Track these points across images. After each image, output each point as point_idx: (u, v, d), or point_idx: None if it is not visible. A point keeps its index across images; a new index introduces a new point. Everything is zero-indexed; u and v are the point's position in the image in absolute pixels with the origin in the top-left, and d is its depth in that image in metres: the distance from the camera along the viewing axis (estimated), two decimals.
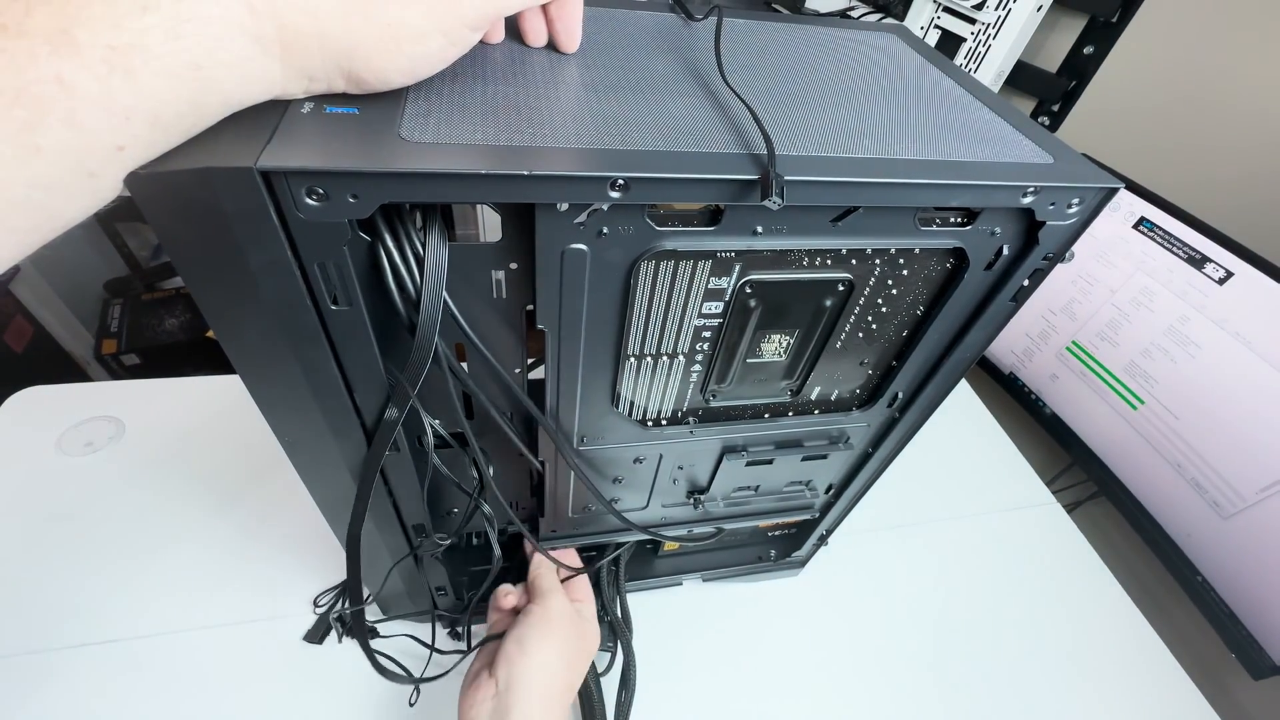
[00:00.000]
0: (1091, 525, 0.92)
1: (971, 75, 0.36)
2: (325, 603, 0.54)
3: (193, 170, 0.19)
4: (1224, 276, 0.71)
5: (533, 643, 0.40)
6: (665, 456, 0.41)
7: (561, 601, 0.43)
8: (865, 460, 0.45)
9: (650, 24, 0.35)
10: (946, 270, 0.32)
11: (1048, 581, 0.67)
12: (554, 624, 0.42)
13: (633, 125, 0.25)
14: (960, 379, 0.39)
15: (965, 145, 0.29)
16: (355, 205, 0.21)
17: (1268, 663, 0.67)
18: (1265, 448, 0.67)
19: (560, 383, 0.32)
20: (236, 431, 0.65)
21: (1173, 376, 0.76)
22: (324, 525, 0.37)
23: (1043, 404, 0.93)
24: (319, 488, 0.34)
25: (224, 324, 0.24)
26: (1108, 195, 0.28)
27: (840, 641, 0.59)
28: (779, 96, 0.30)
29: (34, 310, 1.31)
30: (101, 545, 0.56)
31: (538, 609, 0.42)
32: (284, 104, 0.22)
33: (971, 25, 0.99)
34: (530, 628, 0.41)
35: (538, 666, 0.39)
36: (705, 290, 0.30)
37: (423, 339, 0.25)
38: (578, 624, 0.43)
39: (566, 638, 0.42)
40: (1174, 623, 0.88)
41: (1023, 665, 0.60)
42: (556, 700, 0.40)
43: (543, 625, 0.41)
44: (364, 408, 0.30)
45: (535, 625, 0.41)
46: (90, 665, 0.49)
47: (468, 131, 0.23)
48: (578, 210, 0.24)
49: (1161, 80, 0.89)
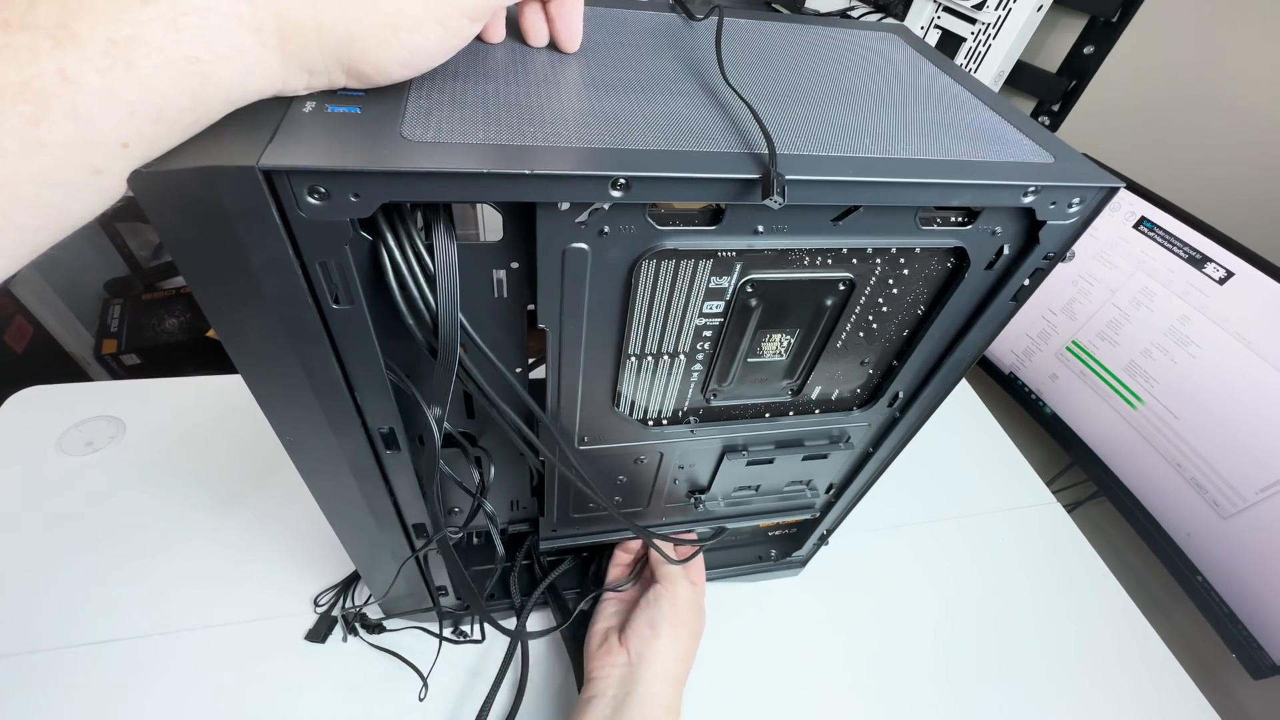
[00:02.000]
0: (1091, 525, 0.92)
1: (972, 75, 0.36)
2: (326, 602, 0.54)
3: (195, 169, 0.19)
4: (1224, 276, 0.71)
5: (665, 627, 0.45)
6: (666, 456, 0.41)
7: (688, 590, 0.47)
8: (866, 460, 0.45)
9: (651, 24, 0.35)
10: (947, 270, 0.32)
11: (1048, 581, 0.67)
12: (682, 611, 0.46)
13: (634, 124, 0.25)
14: (961, 379, 0.39)
15: (966, 145, 0.29)
16: (357, 204, 0.21)
17: (1268, 663, 0.67)
18: (1265, 448, 0.67)
19: (561, 382, 0.32)
20: (237, 431, 0.65)
21: (1173, 376, 0.76)
22: (325, 525, 0.37)
23: (1043, 404, 0.93)
24: (320, 487, 0.34)
25: (225, 323, 0.24)
26: (1109, 195, 0.28)
27: (840, 641, 0.59)
28: (780, 96, 0.30)
29: (34, 310, 1.31)
30: (101, 545, 0.56)
31: (667, 594, 0.46)
32: (285, 103, 0.22)
33: (972, 25, 1.00)
34: (662, 613, 0.45)
35: (665, 648, 0.44)
36: (706, 289, 0.30)
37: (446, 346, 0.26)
38: (700, 612, 0.48)
39: (691, 626, 0.46)
40: (1174, 623, 0.88)
41: (1023, 665, 0.60)
42: (677, 681, 0.45)
43: (673, 612, 0.45)
44: (366, 407, 0.30)
45: (667, 611, 0.45)
46: (90, 665, 0.49)
47: (469, 130, 0.23)
48: (579, 209, 0.24)
49: (1161, 80, 0.89)
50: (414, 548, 0.42)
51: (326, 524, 0.37)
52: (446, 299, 0.25)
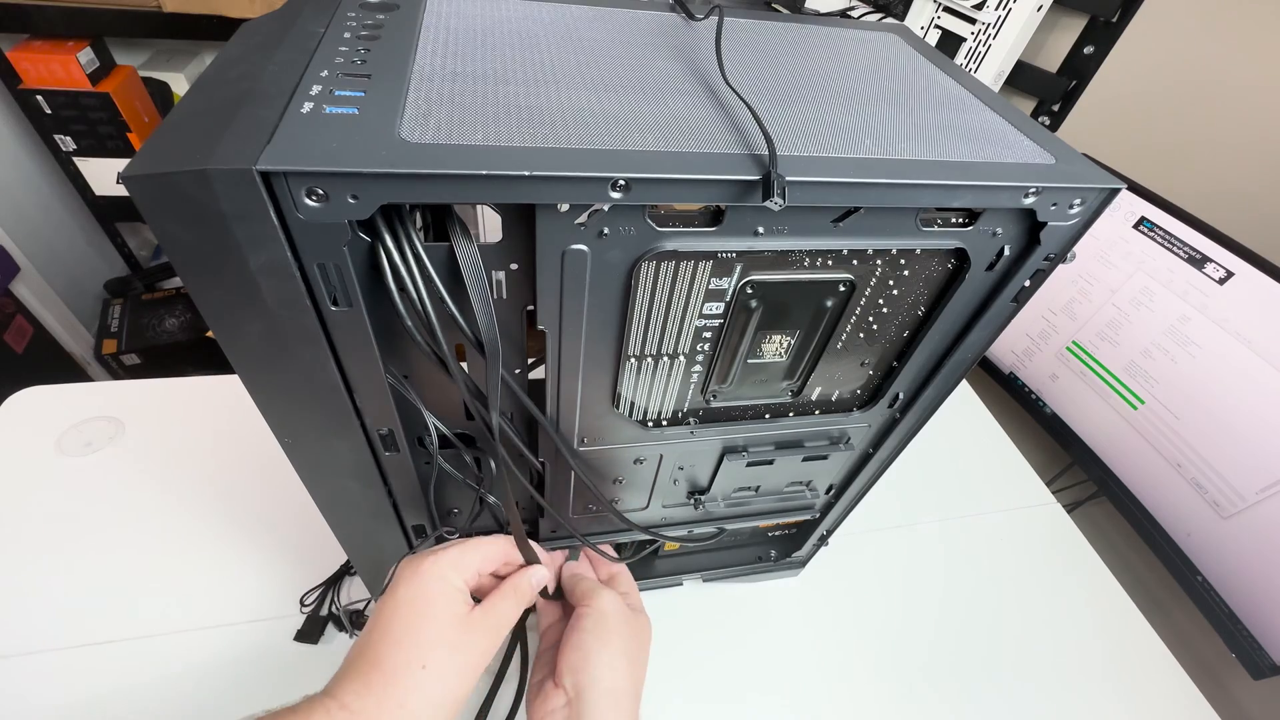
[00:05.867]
0: (1091, 525, 0.92)
1: (972, 75, 0.36)
2: (312, 601, 0.53)
3: (192, 171, 0.19)
4: (1224, 276, 0.71)
5: (594, 647, 0.39)
6: (666, 457, 0.41)
7: (611, 599, 0.42)
8: (866, 461, 0.45)
9: (651, 24, 0.35)
10: (948, 271, 0.32)
11: (1048, 582, 0.67)
12: (610, 623, 0.40)
13: (634, 125, 0.25)
14: (961, 379, 0.39)
15: (967, 145, 0.29)
16: (355, 206, 0.21)
17: (1268, 663, 0.67)
18: (1265, 448, 0.67)
19: (561, 383, 0.32)
20: (236, 431, 0.65)
21: (1173, 376, 0.76)
22: (324, 525, 0.37)
23: (1043, 404, 0.93)
24: (319, 489, 0.34)
25: (223, 325, 0.24)
26: (1110, 196, 0.28)
27: (840, 641, 0.59)
28: (780, 96, 0.30)
29: (34, 310, 1.31)
30: (101, 545, 0.56)
31: (590, 612, 0.41)
32: (283, 103, 0.22)
33: (972, 25, 0.99)
34: (586, 633, 0.39)
35: (604, 668, 0.38)
36: (706, 291, 0.30)
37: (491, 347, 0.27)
38: (631, 619, 0.42)
39: (624, 635, 0.41)
40: (1174, 623, 0.88)
41: (1023, 665, 0.60)
42: (626, 699, 0.39)
43: (599, 628, 0.40)
44: (364, 409, 0.30)
45: (591, 629, 0.40)
46: (90, 665, 0.49)
47: (468, 132, 0.23)
48: (579, 211, 0.24)
49: (1162, 80, 0.89)
50: (412, 547, 0.42)
51: (325, 524, 0.37)
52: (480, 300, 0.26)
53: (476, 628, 0.33)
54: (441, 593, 0.32)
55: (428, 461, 0.36)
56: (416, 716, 0.29)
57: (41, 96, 1.16)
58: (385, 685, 0.29)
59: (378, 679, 0.29)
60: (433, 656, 0.31)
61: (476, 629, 0.33)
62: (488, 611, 0.34)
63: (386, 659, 0.30)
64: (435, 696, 0.30)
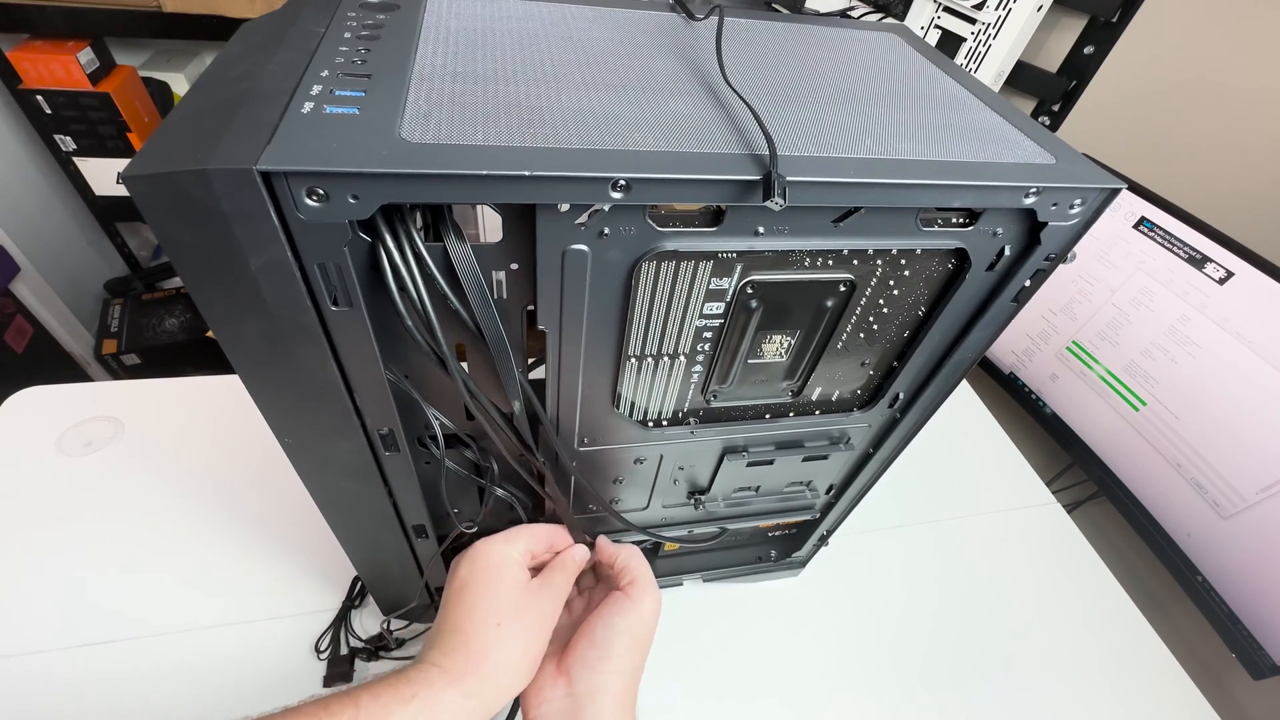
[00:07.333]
0: (1091, 525, 0.92)
1: (972, 75, 0.36)
2: (326, 647, 0.51)
3: (192, 171, 0.19)
4: (1224, 276, 0.71)
5: (619, 650, 0.37)
6: (666, 457, 0.41)
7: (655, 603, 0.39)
8: (866, 461, 0.45)
9: (651, 24, 0.35)
10: (948, 271, 0.32)
11: (1048, 581, 0.67)
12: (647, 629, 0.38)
13: (634, 125, 0.25)
14: (961, 379, 0.39)
15: (967, 145, 0.29)
16: (355, 206, 0.21)
17: (1268, 663, 0.67)
18: (1265, 448, 0.67)
19: (561, 383, 0.32)
20: (236, 431, 0.65)
21: (1173, 376, 0.76)
22: (324, 525, 0.37)
23: (1043, 404, 0.93)
24: (319, 489, 0.34)
25: (224, 325, 0.24)
26: (1110, 196, 0.28)
27: (840, 641, 0.59)
28: (780, 96, 0.30)
29: (34, 310, 1.31)
30: (101, 545, 0.56)
31: (634, 610, 0.38)
32: (284, 103, 0.22)
33: (972, 25, 0.99)
34: (619, 633, 0.37)
35: (618, 675, 0.37)
36: (706, 291, 0.30)
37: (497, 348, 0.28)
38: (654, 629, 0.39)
39: (646, 643, 0.39)
40: (1174, 623, 0.88)
41: (1023, 665, 0.60)
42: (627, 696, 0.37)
43: (636, 631, 0.38)
44: (364, 409, 0.30)
45: (626, 631, 0.37)
46: (90, 665, 0.49)
47: (468, 132, 0.23)
48: (579, 211, 0.24)
49: (1162, 80, 0.89)
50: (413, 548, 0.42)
51: (325, 525, 0.37)
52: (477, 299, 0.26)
53: (538, 593, 0.37)
54: (505, 564, 0.36)
55: (428, 461, 0.36)
56: (498, 667, 0.33)
57: (41, 96, 1.16)
58: (468, 644, 0.33)
59: (459, 641, 0.33)
60: (505, 615, 0.34)
61: (539, 594, 0.37)
62: (545, 581, 0.38)
63: (466, 623, 0.34)
64: (513, 651, 0.34)
